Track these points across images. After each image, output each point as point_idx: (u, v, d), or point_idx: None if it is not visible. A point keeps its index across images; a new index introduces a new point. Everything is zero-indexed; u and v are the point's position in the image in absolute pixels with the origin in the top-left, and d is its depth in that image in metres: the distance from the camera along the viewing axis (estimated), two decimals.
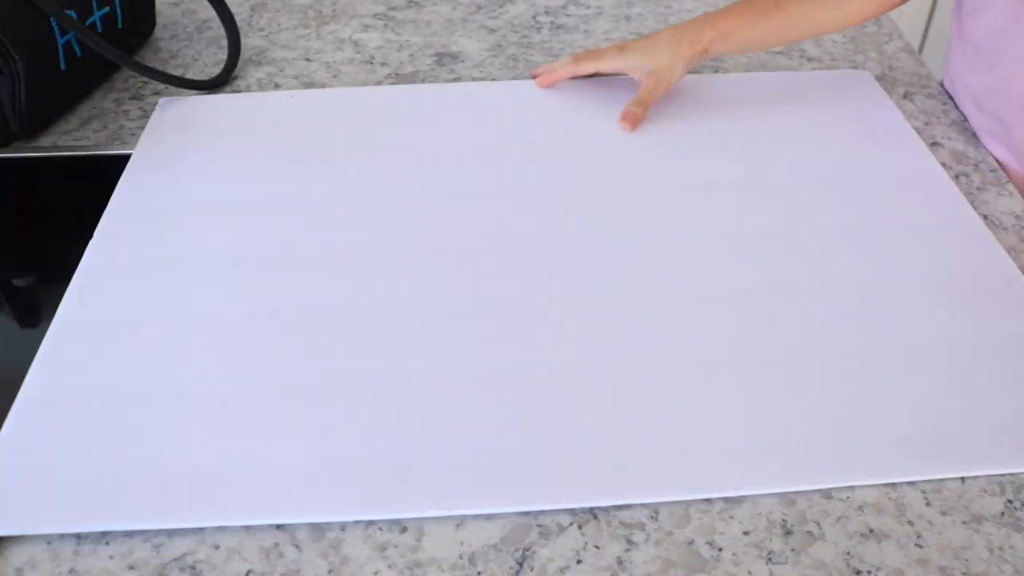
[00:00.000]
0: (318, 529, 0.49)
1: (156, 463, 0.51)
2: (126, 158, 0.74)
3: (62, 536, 0.49)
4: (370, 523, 0.49)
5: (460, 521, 0.49)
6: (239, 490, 0.50)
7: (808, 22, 0.78)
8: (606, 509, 0.50)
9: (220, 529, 0.49)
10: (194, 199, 0.70)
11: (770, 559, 0.48)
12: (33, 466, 0.51)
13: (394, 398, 0.55)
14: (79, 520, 0.49)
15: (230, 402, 0.55)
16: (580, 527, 0.49)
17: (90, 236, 0.66)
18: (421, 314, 0.60)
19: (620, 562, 0.48)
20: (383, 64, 0.87)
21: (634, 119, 0.77)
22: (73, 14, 0.75)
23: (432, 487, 0.50)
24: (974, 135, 0.78)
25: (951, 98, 0.82)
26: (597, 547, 0.48)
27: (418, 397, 0.55)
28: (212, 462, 0.52)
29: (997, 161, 0.75)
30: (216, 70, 0.85)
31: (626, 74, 0.80)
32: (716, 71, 0.86)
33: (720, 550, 0.48)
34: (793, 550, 0.48)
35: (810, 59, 0.88)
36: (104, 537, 0.49)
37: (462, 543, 0.48)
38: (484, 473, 0.51)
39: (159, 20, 0.93)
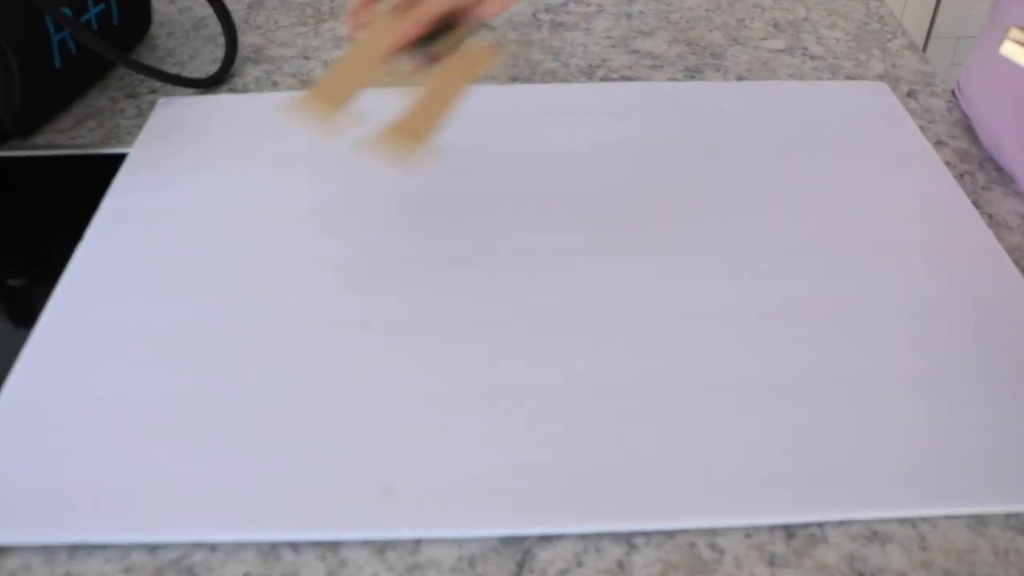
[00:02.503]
0: None
1: (139, 472, 0.51)
2: (122, 157, 0.73)
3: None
4: None
5: None
6: (224, 504, 0.49)
7: None
8: None
9: None
10: (188, 202, 0.69)
11: (772, 562, 0.47)
12: (12, 472, 0.50)
13: (390, 412, 0.54)
14: (59, 531, 0.48)
15: (218, 411, 0.54)
16: None
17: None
18: (421, 324, 0.59)
19: (621, 565, 0.47)
20: None
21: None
22: (68, 11, 0.74)
23: (427, 504, 0.49)
24: (977, 135, 0.77)
25: (955, 98, 0.81)
26: (598, 550, 0.48)
27: (412, 412, 0.54)
28: (196, 473, 0.51)
29: None
30: (213, 68, 0.84)
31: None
32: (719, 70, 0.85)
33: (722, 553, 0.48)
34: (795, 553, 0.48)
35: (813, 57, 0.87)
36: None
37: (461, 546, 0.48)
38: (485, 491, 0.50)
39: (155, 17, 0.92)
